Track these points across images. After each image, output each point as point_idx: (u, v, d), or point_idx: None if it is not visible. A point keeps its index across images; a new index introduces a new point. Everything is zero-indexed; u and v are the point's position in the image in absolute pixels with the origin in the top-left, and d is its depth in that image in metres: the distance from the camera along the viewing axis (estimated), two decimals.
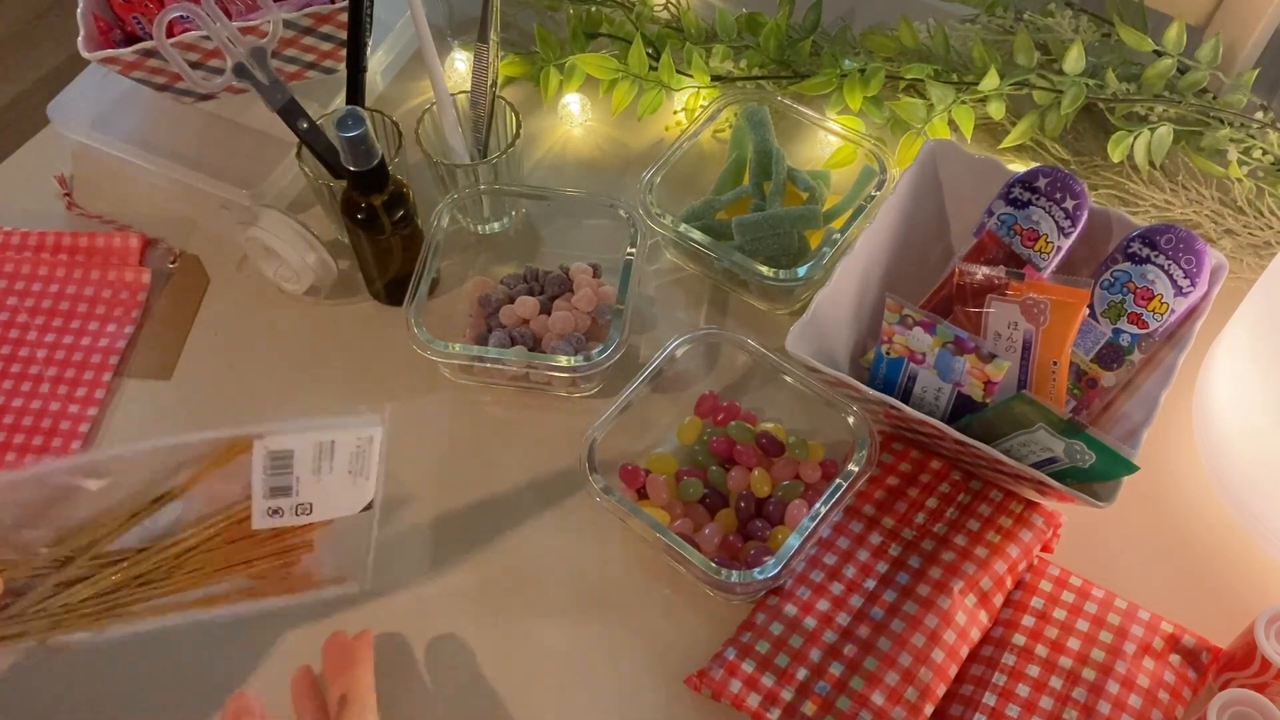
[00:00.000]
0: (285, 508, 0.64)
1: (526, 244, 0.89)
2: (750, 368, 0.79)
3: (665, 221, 0.81)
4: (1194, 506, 0.74)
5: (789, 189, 0.84)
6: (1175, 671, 0.66)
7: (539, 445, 0.78)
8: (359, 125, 0.72)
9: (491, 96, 0.84)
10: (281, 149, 0.90)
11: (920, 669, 0.64)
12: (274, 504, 0.64)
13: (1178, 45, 0.85)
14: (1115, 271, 0.73)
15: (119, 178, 0.93)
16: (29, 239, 0.88)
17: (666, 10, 0.98)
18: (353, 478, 0.65)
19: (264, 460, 0.63)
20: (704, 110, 0.90)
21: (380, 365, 0.82)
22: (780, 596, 0.68)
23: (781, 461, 0.73)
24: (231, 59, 0.78)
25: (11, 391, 0.81)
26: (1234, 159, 0.84)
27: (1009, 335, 0.71)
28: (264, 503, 0.64)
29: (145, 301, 0.85)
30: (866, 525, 0.71)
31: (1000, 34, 0.92)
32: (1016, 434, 0.67)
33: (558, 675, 0.69)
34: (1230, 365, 0.72)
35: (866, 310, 0.78)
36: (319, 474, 0.64)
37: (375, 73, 0.96)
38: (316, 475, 0.64)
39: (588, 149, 0.95)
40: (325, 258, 0.82)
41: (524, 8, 1.02)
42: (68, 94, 0.94)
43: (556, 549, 0.73)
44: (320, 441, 0.64)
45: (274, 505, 0.64)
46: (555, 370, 0.75)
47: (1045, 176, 0.75)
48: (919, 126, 0.88)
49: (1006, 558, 0.68)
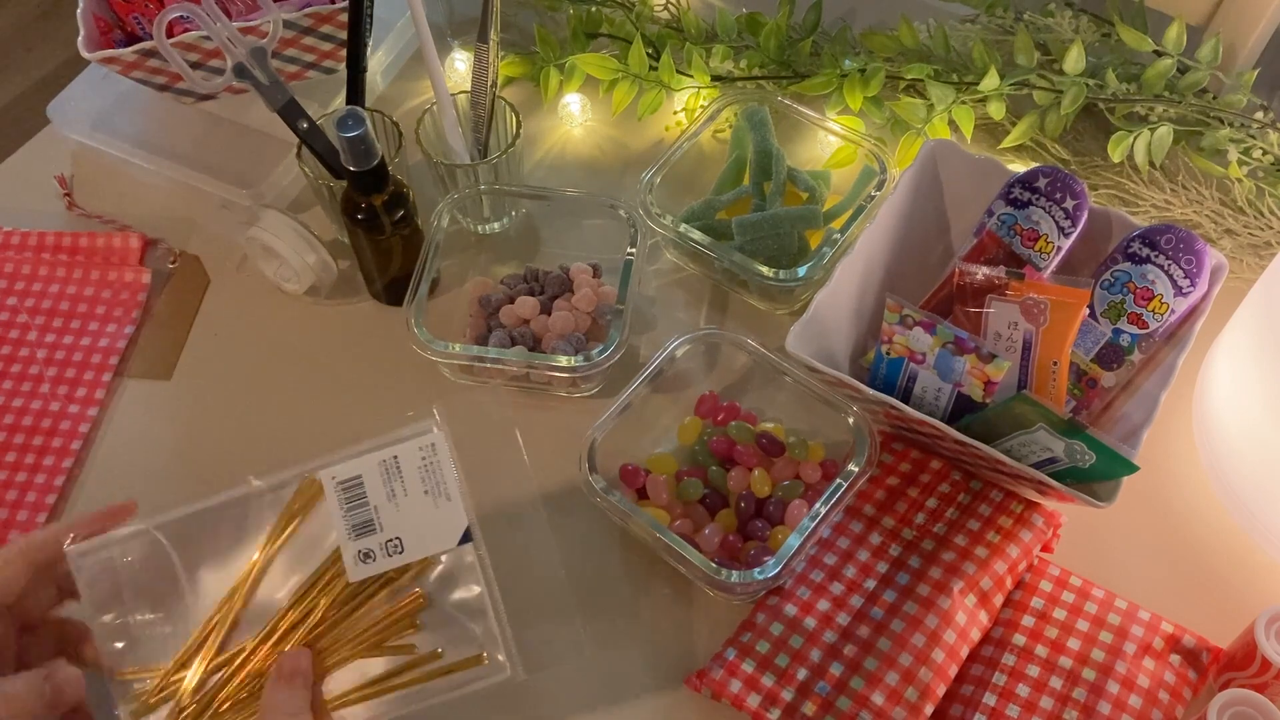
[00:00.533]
0: (375, 549, 0.58)
1: (526, 244, 0.89)
2: (750, 368, 0.79)
3: (665, 221, 0.81)
4: (1194, 506, 0.74)
5: (789, 189, 0.84)
6: (1175, 671, 0.66)
7: (539, 445, 0.78)
8: (359, 125, 0.72)
9: (491, 96, 0.84)
10: (281, 149, 0.90)
11: (920, 669, 0.64)
12: (362, 546, 0.58)
13: (1178, 45, 0.85)
14: (1115, 271, 0.73)
15: (119, 178, 0.93)
16: (29, 239, 0.88)
17: (666, 10, 0.98)
18: (432, 499, 0.59)
19: (337, 494, 0.58)
20: (704, 110, 0.90)
21: (380, 365, 0.82)
22: (780, 596, 0.68)
23: (781, 461, 0.73)
24: (231, 59, 0.78)
25: (11, 391, 0.81)
26: (1234, 159, 0.84)
27: (1009, 335, 0.71)
28: (352, 546, 0.57)
29: (145, 301, 0.85)
30: (867, 525, 0.71)
31: (1000, 34, 0.92)
32: (1016, 434, 0.67)
33: (557, 675, 0.69)
34: (1230, 365, 0.72)
35: (866, 310, 0.78)
36: (394, 499, 0.58)
37: (375, 73, 0.96)
38: (393, 501, 0.58)
39: (588, 149, 0.95)
40: (325, 258, 0.82)
41: (524, 8, 1.02)
42: (68, 94, 0.94)
43: (556, 549, 0.73)
44: (383, 459, 0.59)
45: (363, 548, 0.58)
46: (555, 370, 0.75)
47: (1045, 176, 0.75)
48: (919, 126, 0.88)
49: (1006, 558, 0.68)
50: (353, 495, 0.59)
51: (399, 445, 0.59)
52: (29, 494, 0.76)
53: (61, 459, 0.77)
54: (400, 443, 0.59)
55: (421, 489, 0.59)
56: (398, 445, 0.59)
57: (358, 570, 0.58)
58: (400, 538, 0.58)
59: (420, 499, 0.59)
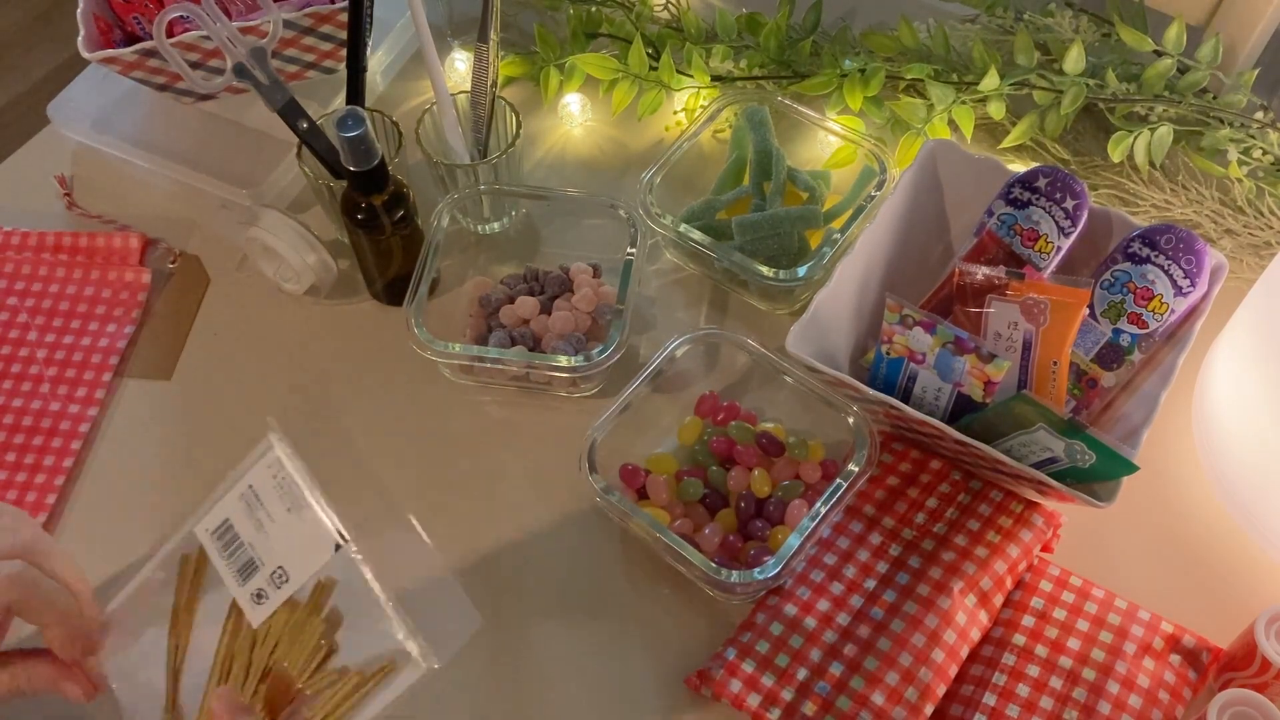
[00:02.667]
0: (264, 586, 0.57)
1: (526, 244, 0.89)
2: (750, 368, 0.79)
3: (665, 221, 0.81)
4: (1194, 506, 0.74)
5: (789, 189, 0.84)
6: (1175, 671, 0.66)
7: (539, 445, 0.78)
8: (359, 125, 0.72)
9: (491, 96, 0.84)
10: (281, 149, 0.90)
11: (920, 669, 0.64)
12: (252, 588, 0.57)
13: (1178, 45, 0.85)
14: (1115, 271, 0.73)
15: (119, 178, 0.93)
16: (29, 239, 0.88)
17: (666, 10, 0.98)
18: (296, 515, 0.57)
19: (214, 546, 0.58)
20: (704, 110, 0.90)
21: (380, 365, 0.82)
22: (780, 596, 0.68)
23: (781, 461, 0.73)
24: (231, 59, 0.78)
25: (11, 391, 0.81)
26: (1234, 159, 0.84)
27: (1009, 335, 0.71)
28: (244, 591, 0.57)
29: (145, 301, 0.85)
30: (867, 525, 0.71)
31: (1000, 34, 0.92)
32: (1016, 434, 0.67)
33: (557, 675, 0.69)
34: (1230, 365, 0.72)
35: (866, 310, 0.78)
36: (263, 529, 0.57)
37: (375, 73, 0.96)
38: (263, 532, 0.57)
39: (588, 149, 0.95)
40: (325, 258, 0.82)
41: (524, 8, 1.02)
42: (68, 94, 0.94)
43: (556, 549, 0.73)
44: (241, 493, 0.58)
45: (254, 590, 0.57)
46: (555, 370, 0.75)
47: (1045, 176, 0.75)
48: (919, 126, 0.88)
49: (1006, 558, 0.68)
50: (227, 540, 0.58)
51: (249, 472, 0.58)
52: (29, 494, 0.76)
53: (61, 459, 0.77)
54: (250, 469, 0.58)
55: (284, 508, 0.57)
56: (248, 473, 0.58)
57: (256, 613, 0.57)
58: (282, 566, 0.57)
59: (285, 518, 0.57)
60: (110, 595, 0.63)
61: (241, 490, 0.58)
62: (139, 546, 0.73)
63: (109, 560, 0.73)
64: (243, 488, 0.58)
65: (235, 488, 0.59)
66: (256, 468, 0.58)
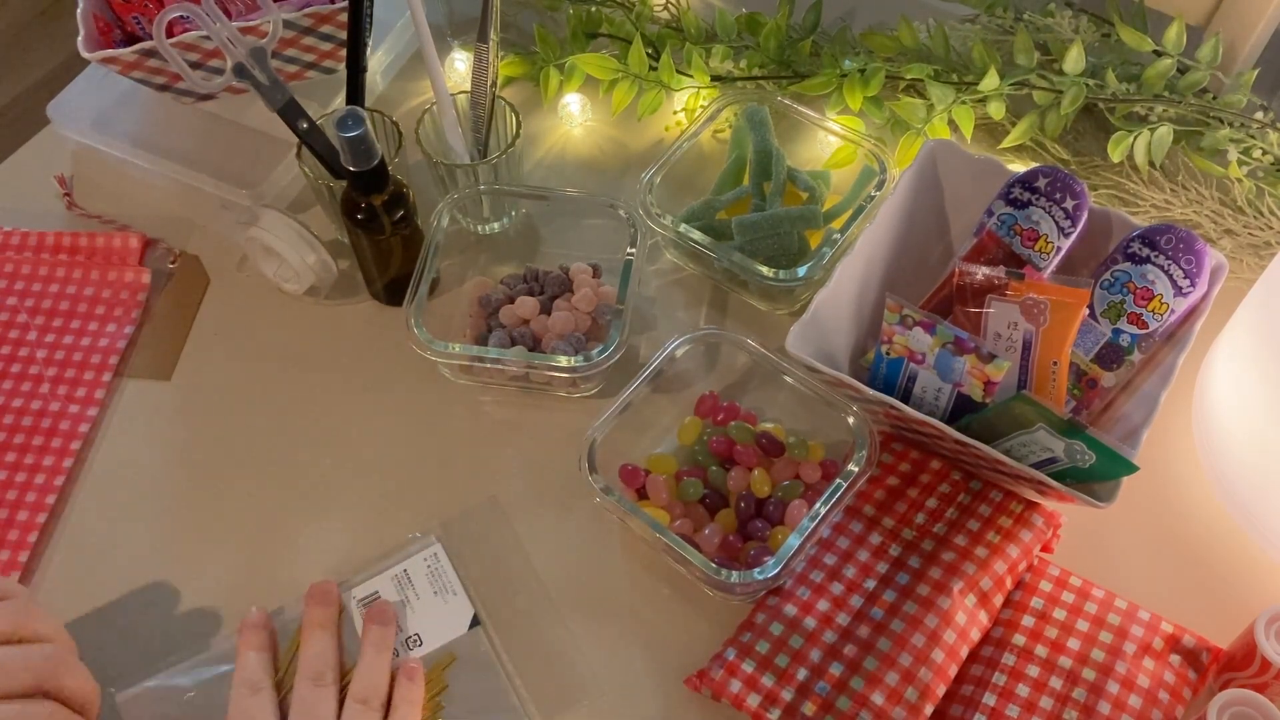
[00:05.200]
0: (398, 646, 0.67)
1: (526, 244, 0.89)
2: (750, 368, 0.79)
3: (665, 221, 0.81)
4: (1194, 506, 0.74)
5: (789, 189, 0.84)
6: (1175, 672, 0.66)
7: (539, 445, 0.78)
8: (359, 125, 0.72)
9: (491, 96, 0.84)
10: (281, 149, 0.90)
11: (920, 669, 0.64)
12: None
13: (1178, 45, 0.85)
14: (1115, 271, 0.73)
15: (119, 177, 0.93)
16: (29, 239, 0.88)
17: (666, 10, 0.98)
18: (441, 598, 0.69)
19: (357, 609, 0.68)
20: (704, 110, 0.90)
21: (380, 365, 0.82)
22: (780, 596, 0.68)
23: (781, 461, 0.73)
24: (231, 59, 0.78)
25: (11, 391, 0.81)
26: (1234, 159, 0.84)
27: (1009, 335, 0.71)
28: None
29: (145, 301, 0.85)
30: (866, 525, 0.71)
31: (1000, 34, 0.92)
32: (1016, 434, 0.67)
33: (558, 675, 0.69)
34: (1230, 365, 0.72)
35: (866, 310, 0.78)
36: (409, 604, 0.69)
37: (375, 73, 0.96)
38: (408, 606, 0.69)
39: (588, 149, 0.95)
40: (325, 258, 0.82)
41: (524, 8, 1.02)
42: (68, 94, 0.94)
43: (556, 549, 0.73)
44: (395, 575, 0.70)
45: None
46: (555, 370, 0.75)
47: (1045, 176, 0.75)
48: (919, 126, 0.88)
49: (1006, 558, 0.68)
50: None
51: (406, 561, 0.71)
52: (29, 494, 0.76)
53: (61, 459, 0.77)
54: (408, 559, 0.71)
55: (431, 590, 0.70)
56: (405, 561, 0.71)
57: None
58: (419, 633, 0.68)
59: (431, 599, 0.69)
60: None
61: (395, 573, 0.70)
62: (139, 546, 0.73)
63: (109, 561, 0.73)
64: (396, 571, 0.70)
65: (389, 571, 0.70)
66: (415, 559, 0.71)
